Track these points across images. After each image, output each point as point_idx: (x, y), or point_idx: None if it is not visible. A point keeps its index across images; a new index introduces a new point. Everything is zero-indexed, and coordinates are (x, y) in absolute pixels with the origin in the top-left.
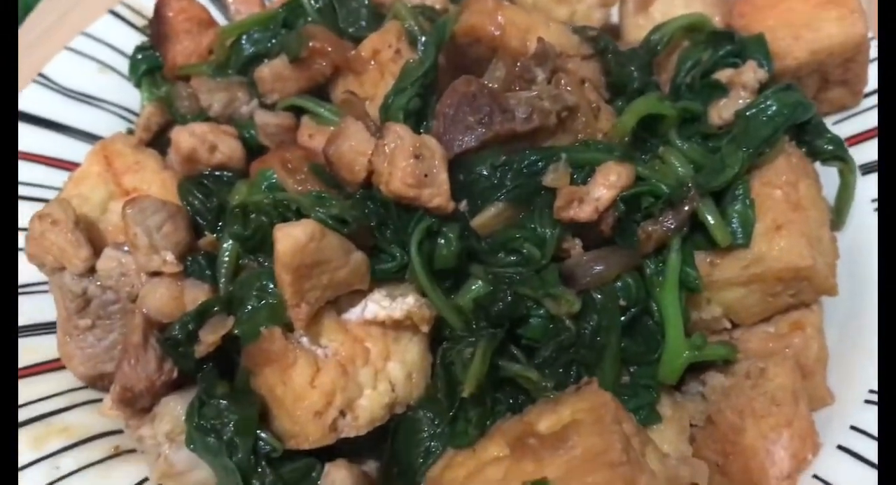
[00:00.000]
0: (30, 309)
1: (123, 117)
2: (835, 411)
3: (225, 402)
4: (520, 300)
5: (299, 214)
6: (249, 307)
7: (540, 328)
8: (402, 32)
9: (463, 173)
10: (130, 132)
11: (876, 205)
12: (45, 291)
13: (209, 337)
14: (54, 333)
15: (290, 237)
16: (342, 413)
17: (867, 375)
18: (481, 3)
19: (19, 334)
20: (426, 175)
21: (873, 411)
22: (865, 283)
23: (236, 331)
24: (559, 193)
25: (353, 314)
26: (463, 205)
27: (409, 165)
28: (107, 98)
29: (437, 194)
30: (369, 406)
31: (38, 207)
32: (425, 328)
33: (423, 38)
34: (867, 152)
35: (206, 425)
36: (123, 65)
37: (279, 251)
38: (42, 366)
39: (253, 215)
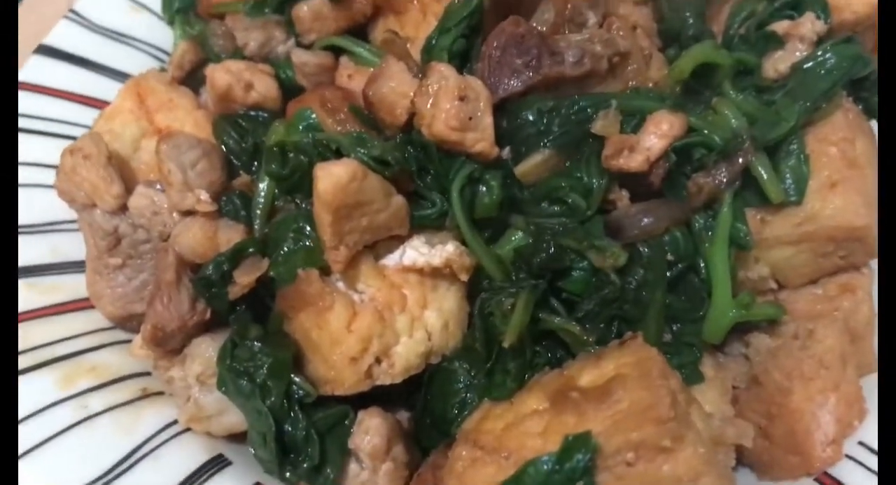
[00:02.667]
0: (59, 246)
1: (155, 56)
2: None
3: (259, 344)
4: (562, 252)
5: (339, 155)
6: (285, 249)
7: (582, 281)
8: None
9: (507, 118)
10: (162, 70)
11: None
12: (75, 229)
13: (244, 278)
14: (83, 271)
15: (331, 176)
16: (378, 360)
17: None
18: None
19: (48, 272)
20: (470, 118)
21: None
22: None
23: (271, 273)
24: (608, 141)
25: (391, 260)
26: (506, 151)
27: (453, 107)
28: (138, 36)
29: (481, 139)
30: (405, 354)
31: (66, 143)
32: (464, 277)
33: None
34: None
35: (238, 367)
36: (156, 3)
37: (320, 190)
38: (70, 304)
39: (291, 155)
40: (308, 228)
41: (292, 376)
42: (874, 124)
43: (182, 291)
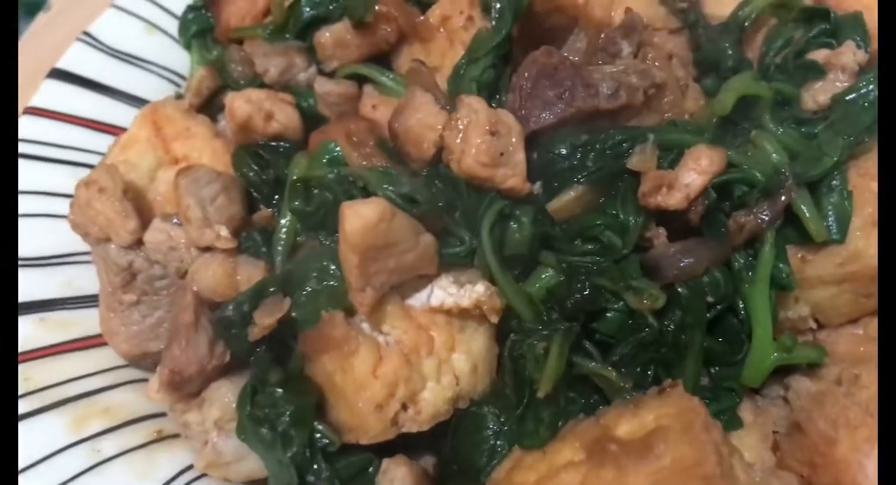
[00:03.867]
0: (73, 279)
1: (171, 81)
2: None
3: (280, 390)
4: (597, 292)
5: (365, 191)
6: (308, 289)
7: (618, 323)
8: None
9: (538, 152)
10: (178, 97)
11: None
12: (88, 262)
13: (265, 320)
14: (97, 306)
15: (359, 216)
16: (404, 406)
17: None
18: None
19: (61, 306)
20: (502, 154)
21: None
22: None
23: (293, 314)
24: (645, 177)
25: (418, 301)
26: (537, 187)
27: (484, 141)
28: (154, 60)
29: (513, 175)
30: (433, 400)
31: (80, 171)
32: (495, 319)
33: (498, 5)
34: None
35: (259, 414)
36: (172, 25)
37: (347, 231)
38: (82, 341)
39: (316, 191)
40: (332, 267)
41: (315, 423)
42: None
43: (201, 332)
